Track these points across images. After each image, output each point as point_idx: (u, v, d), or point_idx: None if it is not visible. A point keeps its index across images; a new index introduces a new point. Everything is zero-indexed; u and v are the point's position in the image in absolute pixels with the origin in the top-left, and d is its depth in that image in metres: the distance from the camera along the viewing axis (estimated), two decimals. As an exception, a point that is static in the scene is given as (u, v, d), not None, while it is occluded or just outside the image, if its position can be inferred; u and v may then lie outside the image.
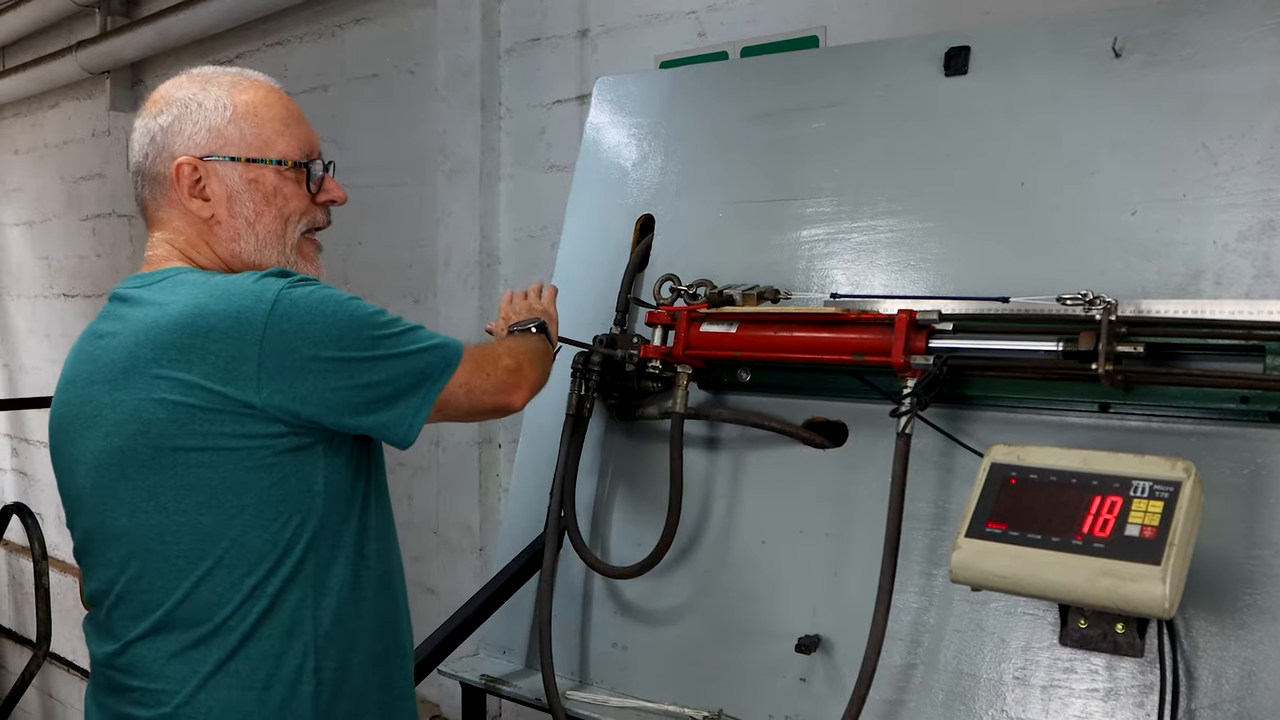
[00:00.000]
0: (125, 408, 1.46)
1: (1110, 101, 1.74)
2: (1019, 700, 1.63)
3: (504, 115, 3.59)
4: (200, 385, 1.43)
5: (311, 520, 1.52)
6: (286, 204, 1.63)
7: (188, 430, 1.43)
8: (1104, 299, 1.57)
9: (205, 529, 1.46)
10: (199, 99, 1.60)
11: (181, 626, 1.48)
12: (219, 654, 1.47)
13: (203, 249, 1.61)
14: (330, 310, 1.47)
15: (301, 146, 1.65)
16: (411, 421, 1.54)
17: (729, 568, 1.97)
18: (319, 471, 1.52)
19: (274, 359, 1.43)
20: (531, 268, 3.50)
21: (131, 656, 1.50)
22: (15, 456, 6.98)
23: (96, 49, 5.24)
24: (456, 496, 3.68)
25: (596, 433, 2.18)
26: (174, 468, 1.45)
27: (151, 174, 1.61)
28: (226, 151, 1.59)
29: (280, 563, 1.49)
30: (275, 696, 1.49)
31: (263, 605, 1.49)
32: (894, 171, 1.94)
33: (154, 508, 1.47)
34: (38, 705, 6.30)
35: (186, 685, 1.47)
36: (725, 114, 2.20)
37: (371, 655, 1.61)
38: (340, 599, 1.56)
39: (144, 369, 1.45)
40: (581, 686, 2.07)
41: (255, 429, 1.45)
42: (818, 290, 1.96)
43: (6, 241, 6.93)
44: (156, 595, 1.48)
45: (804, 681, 1.83)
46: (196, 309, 1.45)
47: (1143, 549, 1.38)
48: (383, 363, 1.50)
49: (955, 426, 1.76)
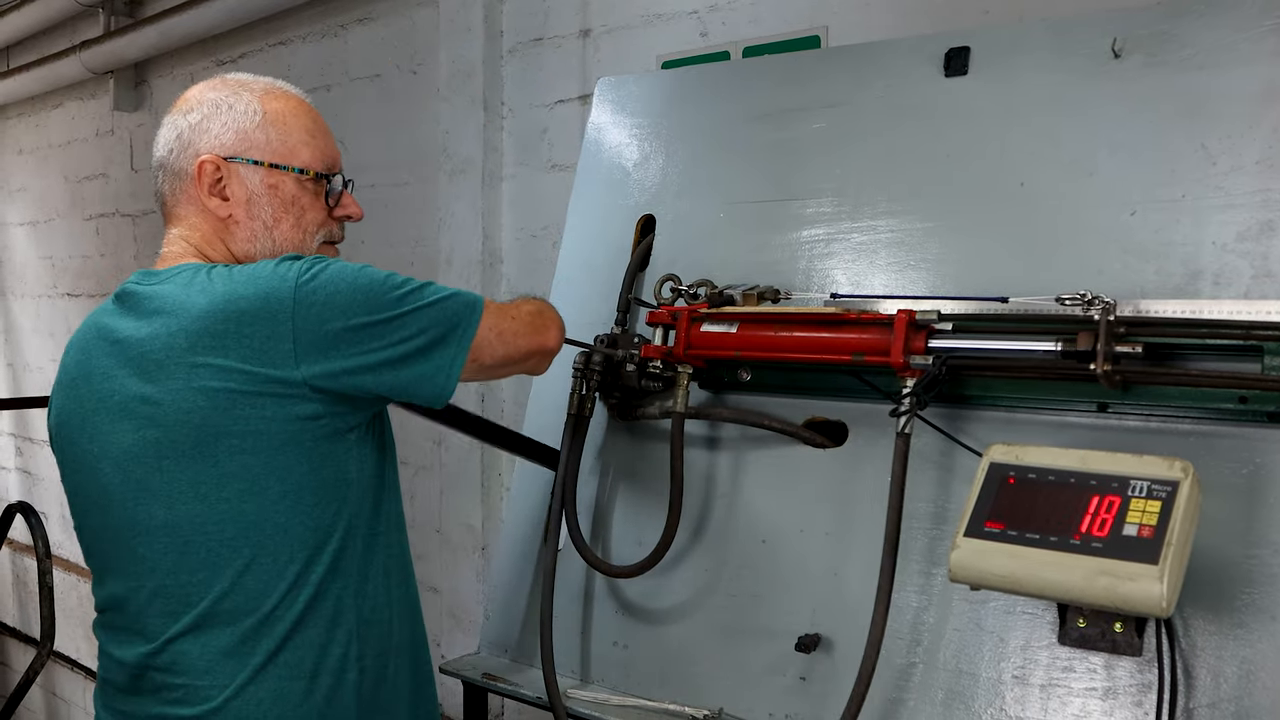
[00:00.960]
0: (163, 400, 1.47)
1: (1109, 102, 1.75)
2: (1018, 699, 1.63)
3: (506, 115, 3.60)
4: (239, 369, 1.45)
5: (347, 508, 1.55)
6: (304, 214, 1.66)
7: (230, 415, 1.45)
8: (1103, 299, 1.58)
9: (248, 516, 1.48)
10: (229, 101, 1.63)
11: (228, 619, 1.48)
12: (269, 645, 1.49)
13: (218, 246, 1.63)
14: (350, 279, 1.50)
15: (324, 159, 1.68)
16: (449, 372, 1.56)
17: (729, 567, 1.97)
18: (352, 460, 1.55)
19: (307, 334, 1.46)
20: (533, 267, 3.50)
21: (173, 654, 1.50)
22: (19, 455, 7.00)
23: (100, 49, 5.25)
24: (459, 496, 3.69)
25: (597, 433, 2.18)
26: (216, 455, 1.47)
27: (174, 169, 1.63)
28: (251, 155, 1.62)
29: (321, 550, 1.52)
30: (322, 685, 1.52)
31: (308, 593, 1.51)
32: (894, 172, 1.95)
33: (194, 497, 1.48)
34: (42, 704, 6.31)
35: (236, 678, 1.48)
36: (726, 114, 2.21)
37: (401, 643, 1.65)
38: (375, 586, 1.59)
39: (180, 359, 1.47)
40: (582, 685, 2.08)
41: (295, 411, 1.47)
42: (818, 290, 1.97)
43: (10, 241, 6.95)
44: (199, 588, 1.49)
45: (804, 680, 1.83)
46: (227, 295, 1.47)
47: (1140, 548, 1.39)
48: (411, 316, 1.53)
49: (954, 426, 1.77)
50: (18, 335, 6.97)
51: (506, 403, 3.62)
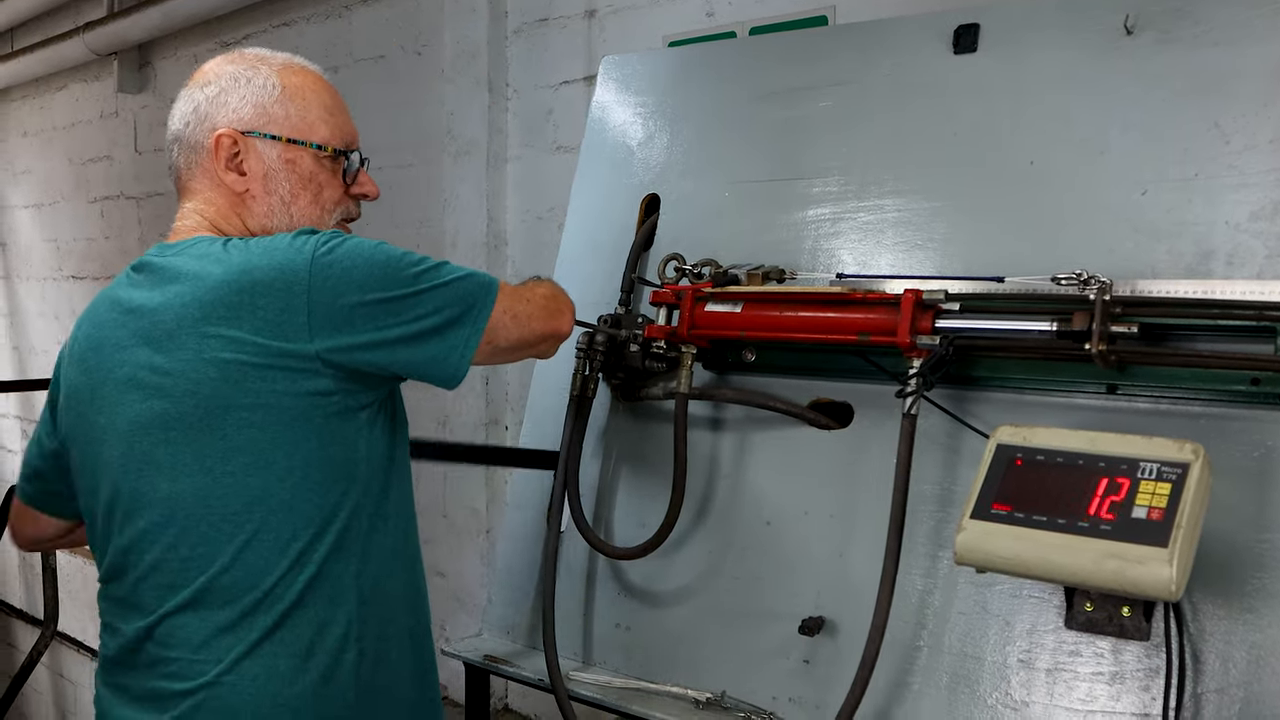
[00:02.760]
0: (172, 370, 1.46)
1: (1121, 80, 1.72)
2: (1024, 683, 1.62)
3: (511, 96, 3.58)
4: (251, 341, 1.43)
5: (355, 488, 1.53)
6: (321, 191, 1.65)
7: (240, 388, 1.44)
8: (1099, 278, 1.56)
9: (253, 490, 1.46)
10: (248, 75, 1.61)
11: (227, 595, 1.47)
12: (267, 622, 1.47)
13: (234, 221, 1.61)
14: (367, 255, 1.49)
15: (342, 136, 1.67)
16: (463, 352, 1.55)
17: (733, 549, 1.96)
18: (362, 440, 1.54)
19: (323, 308, 1.45)
20: (538, 250, 3.49)
21: (169, 628, 1.49)
22: (25, 438, 7.00)
23: (104, 30, 5.24)
24: (463, 479, 3.68)
25: (600, 414, 2.17)
26: (224, 428, 1.45)
27: (190, 143, 1.61)
28: (269, 129, 1.60)
29: (326, 528, 1.50)
30: (318, 665, 1.50)
31: (310, 572, 1.49)
32: (901, 151, 1.92)
33: (199, 470, 1.46)
34: (48, 684, 6.34)
35: (231, 654, 1.46)
36: (731, 93, 2.19)
37: (404, 627, 1.64)
38: (379, 569, 1.58)
39: (191, 329, 1.45)
40: (585, 667, 2.07)
41: (306, 386, 1.45)
42: (824, 270, 1.95)
43: (15, 224, 6.95)
44: (198, 562, 1.47)
45: (808, 664, 1.82)
46: (242, 266, 1.46)
47: (1150, 531, 1.37)
48: (427, 295, 1.51)
49: (961, 408, 1.75)
50: (23, 318, 6.98)
51: (511, 385, 3.61)
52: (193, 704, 1.46)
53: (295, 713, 1.48)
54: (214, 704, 1.45)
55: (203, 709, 1.46)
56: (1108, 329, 1.55)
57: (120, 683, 1.55)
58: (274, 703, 1.46)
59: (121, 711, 1.54)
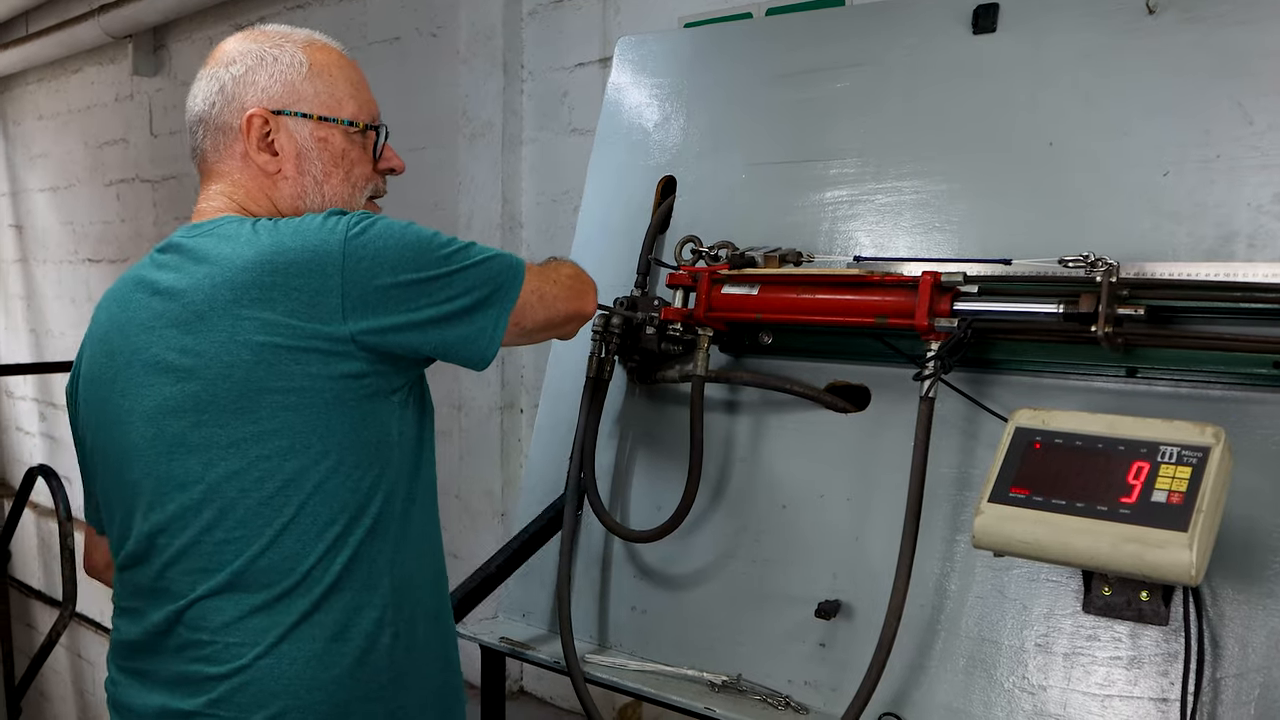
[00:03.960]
0: (204, 351, 1.44)
1: (1143, 60, 1.70)
2: (1040, 667, 1.61)
3: (526, 78, 3.57)
4: (285, 323, 1.42)
5: (389, 471, 1.53)
6: (353, 168, 1.63)
7: (274, 371, 1.42)
8: (1106, 260, 1.55)
9: (289, 474, 1.45)
10: (274, 53, 1.59)
11: (263, 579, 1.46)
12: (303, 606, 1.46)
13: (263, 202, 1.59)
14: (398, 235, 1.48)
15: (369, 111, 1.66)
16: (492, 334, 1.54)
17: (749, 532, 1.95)
18: (394, 422, 1.53)
19: (356, 288, 1.43)
20: (554, 232, 3.48)
21: (201, 611, 1.47)
22: (43, 421, 7.05)
23: (119, 13, 5.23)
24: (478, 462, 3.69)
25: (616, 396, 2.17)
26: (257, 412, 1.44)
27: (217, 123, 1.59)
28: (299, 107, 1.58)
29: (361, 513, 1.50)
30: (354, 648, 1.50)
31: (346, 556, 1.49)
32: (919, 132, 1.91)
33: (235, 454, 1.45)
34: (66, 664, 6.40)
35: (267, 637, 1.45)
36: (748, 74, 2.17)
37: (429, 609, 1.63)
38: (409, 551, 1.57)
39: (224, 311, 1.43)
40: (601, 650, 2.07)
41: (340, 368, 1.44)
42: (841, 252, 1.94)
43: (31, 207, 6.98)
44: (235, 546, 1.46)
45: (824, 647, 1.82)
46: (274, 248, 1.44)
47: (1170, 515, 1.36)
48: (458, 275, 1.50)
49: (979, 391, 1.74)
50: (40, 301, 7.01)
51: (526, 368, 3.61)
52: (229, 687, 1.45)
53: (331, 695, 1.47)
54: (252, 688, 1.44)
55: (241, 692, 1.45)
56: (1114, 311, 1.54)
57: (143, 668, 1.54)
58: (310, 685, 1.46)
59: (147, 697, 1.52)
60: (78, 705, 6.53)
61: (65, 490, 4.27)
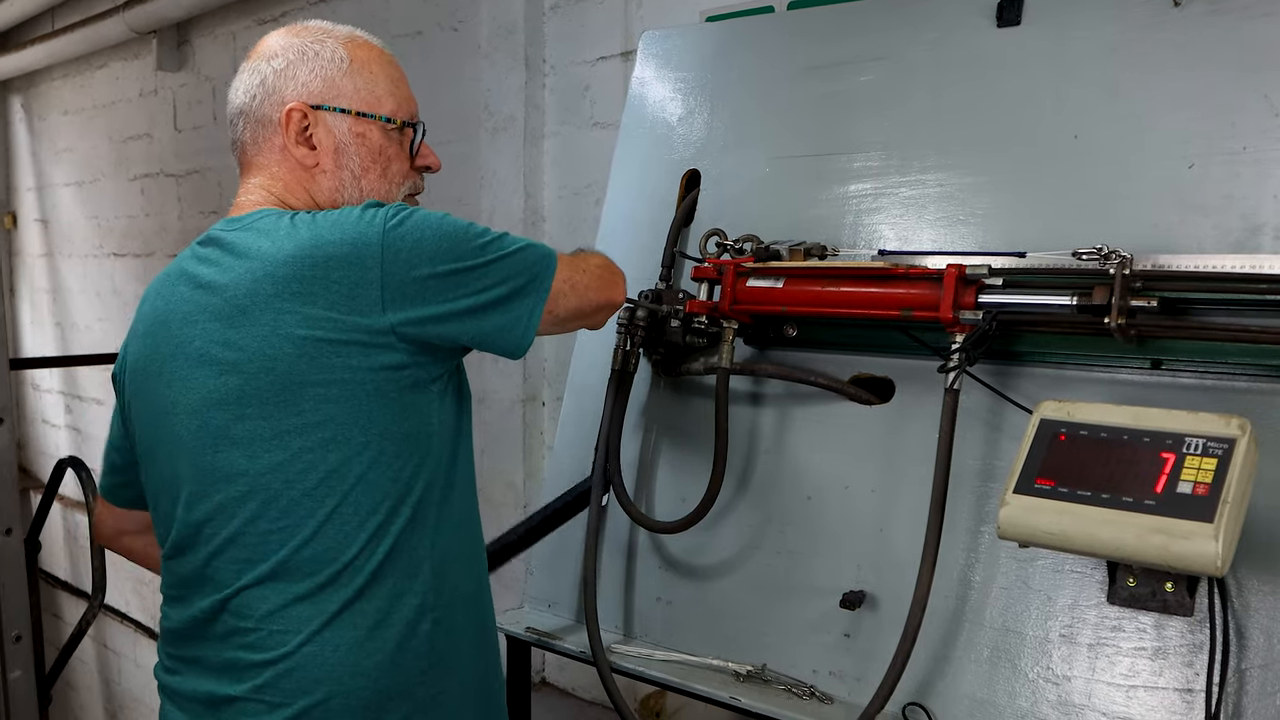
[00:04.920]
0: (246, 345, 1.46)
1: (1168, 52, 1.71)
2: (1065, 658, 1.62)
3: (548, 72, 3.57)
4: (326, 316, 1.44)
5: (429, 461, 1.55)
6: (390, 164, 1.65)
7: (316, 364, 1.44)
8: (1119, 252, 1.56)
9: (332, 465, 1.47)
10: (315, 48, 1.61)
11: (306, 569, 1.48)
12: (346, 594, 1.48)
13: (301, 195, 1.61)
14: (436, 226, 1.49)
15: (408, 108, 1.68)
16: (528, 322, 1.56)
17: (773, 523, 1.97)
18: (434, 412, 1.55)
19: (395, 280, 1.45)
20: (576, 226, 3.49)
21: (246, 599, 1.49)
22: (69, 413, 7.11)
23: (142, 9, 5.26)
24: (501, 454, 3.70)
25: (641, 389, 2.18)
26: (300, 404, 1.46)
27: (257, 116, 1.61)
28: (338, 103, 1.60)
29: (402, 502, 1.52)
30: (395, 635, 1.52)
31: (387, 545, 1.51)
32: (944, 125, 1.91)
33: (278, 446, 1.47)
34: (93, 655, 6.45)
35: (310, 624, 1.47)
36: (772, 67, 2.18)
37: (467, 594, 1.66)
38: (448, 538, 1.59)
39: (265, 305, 1.45)
40: (626, 640, 2.09)
41: (380, 360, 1.46)
42: (865, 246, 1.94)
43: (57, 201, 7.03)
44: (279, 536, 1.48)
45: (848, 637, 1.83)
46: (314, 241, 1.46)
47: (1195, 506, 1.37)
48: (494, 265, 1.52)
49: (1004, 383, 1.75)
50: (65, 295, 7.06)
51: (549, 361, 3.62)
52: (275, 673, 1.47)
53: (374, 681, 1.49)
54: (297, 674, 1.47)
55: (286, 679, 1.47)
56: (1127, 303, 1.55)
57: (190, 654, 1.57)
58: (354, 672, 1.48)
59: (195, 683, 1.55)
60: (104, 695, 6.59)
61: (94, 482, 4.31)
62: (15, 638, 3.79)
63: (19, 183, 7.52)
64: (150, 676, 1.72)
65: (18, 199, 7.55)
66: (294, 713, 1.47)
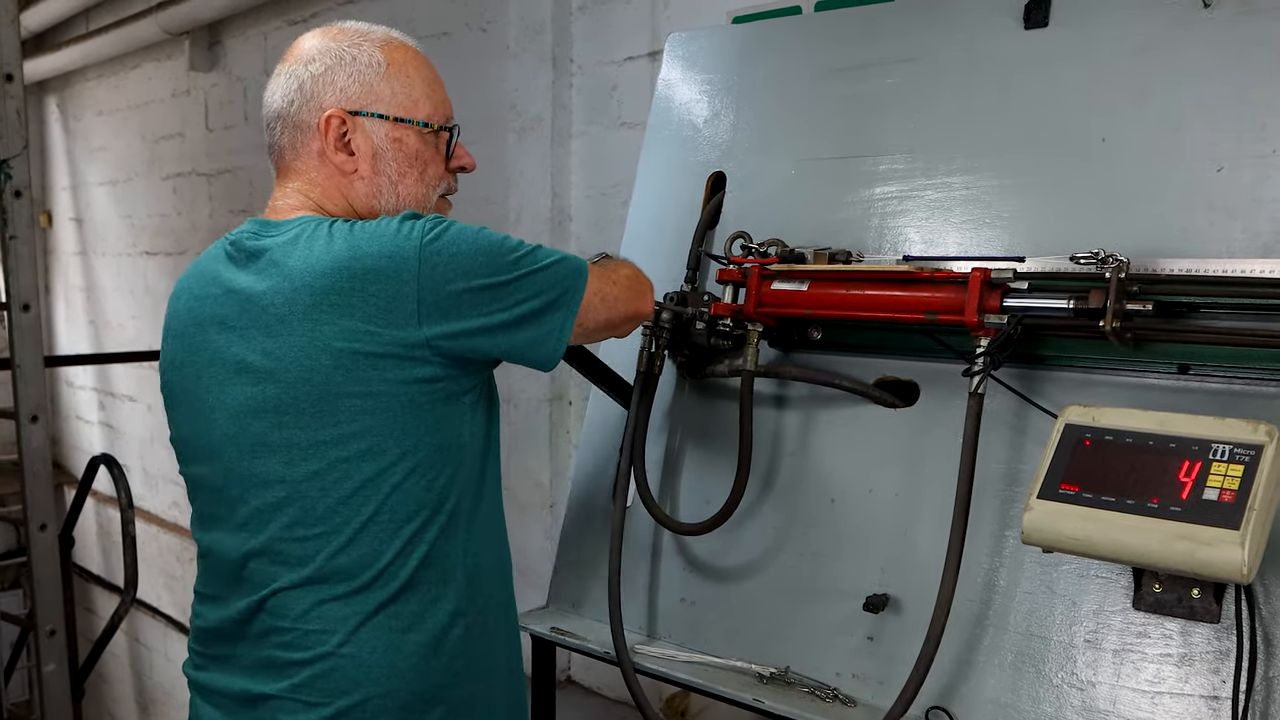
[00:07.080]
0: (284, 355, 1.47)
1: (1198, 54, 1.69)
2: (1090, 663, 1.61)
3: (575, 72, 3.59)
4: (364, 329, 1.45)
5: (461, 471, 1.56)
6: (426, 168, 1.65)
7: (352, 376, 1.45)
8: (1116, 257, 1.56)
9: (367, 475, 1.48)
10: (352, 53, 1.60)
11: (342, 575, 1.50)
12: (381, 597, 1.50)
13: (339, 201, 1.62)
14: (472, 240, 1.50)
15: (444, 111, 1.68)
16: (559, 335, 1.58)
17: (797, 526, 1.97)
18: (466, 424, 1.56)
19: (431, 294, 1.46)
20: (604, 225, 3.50)
21: (282, 600, 1.51)
22: (102, 410, 7.20)
23: (175, 10, 5.32)
24: (528, 453, 3.72)
25: (666, 391, 2.18)
26: (336, 416, 1.47)
27: (295, 121, 1.60)
28: (376, 108, 1.60)
29: (437, 511, 1.53)
30: (429, 640, 1.54)
31: (421, 552, 1.52)
32: (970, 127, 1.91)
33: (315, 456, 1.48)
34: (125, 648, 6.53)
35: (346, 625, 1.49)
36: (798, 69, 2.18)
37: (498, 600, 1.68)
38: (479, 544, 1.61)
39: (303, 315, 1.46)
40: (649, 640, 2.09)
41: (415, 373, 1.47)
42: (890, 249, 1.94)
43: (91, 200, 7.11)
44: (315, 543, 1.50)
45: (871, 640, 1.83)
46: (351, 253, 1.46)
47: (1221, 513, 1.36)
48: (527, 280, 1.53)
49: (1029, 387, 1.74)
50: (99, 293, 7.15)
51: (574, 361, 3.63)
52: (312, 673, 1.49)
53: (409, 684, 1.51)
54: (336, 674, 1.49)
55: (324, 678, 1.49)
56: (1123, 307, 1.55)
57: (224, 652, 1.58)
58: (390, 674, 1.50)
59: (229, 680, 1.57)
60: (135, 688, 6.67)
61: (126, 479, 4.36)
62: (50, 632, 3.85)
63: (54, 182, 7.63)
64: (181, 671, 1.75)
65: (53, 198, 7.65)
66: (331, 713, 1.49)
